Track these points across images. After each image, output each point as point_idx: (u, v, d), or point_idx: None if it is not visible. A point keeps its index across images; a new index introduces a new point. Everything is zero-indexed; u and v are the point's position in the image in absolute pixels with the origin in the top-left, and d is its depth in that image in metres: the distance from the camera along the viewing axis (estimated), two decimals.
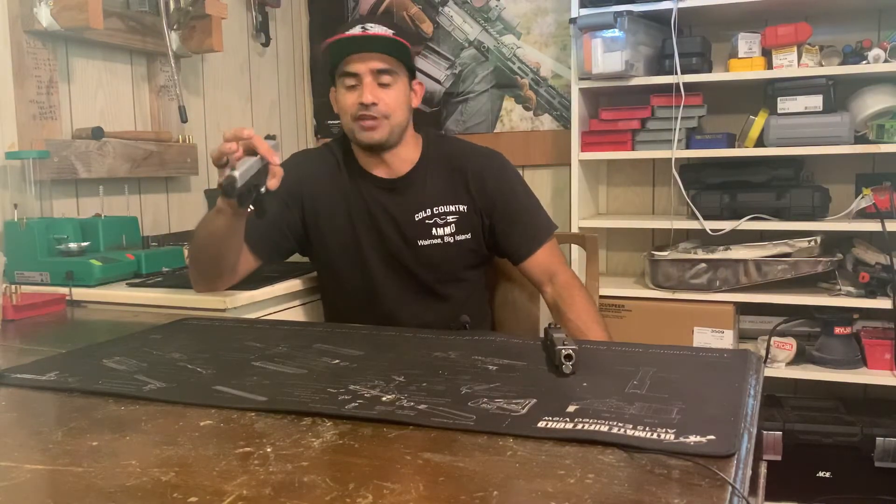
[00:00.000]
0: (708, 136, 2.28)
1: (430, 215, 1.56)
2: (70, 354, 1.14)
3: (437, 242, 1.56)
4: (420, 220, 1.56)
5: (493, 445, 0.74)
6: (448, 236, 1.56)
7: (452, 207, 1.57)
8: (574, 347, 0.97)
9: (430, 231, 1.56)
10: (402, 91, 1.53)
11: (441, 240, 1.56)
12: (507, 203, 1.59)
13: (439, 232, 1.56)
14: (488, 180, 1.58)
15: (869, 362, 2.17)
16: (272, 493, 0.65)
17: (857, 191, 2.25)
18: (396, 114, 1.51)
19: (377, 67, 1.48)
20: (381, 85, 1.49)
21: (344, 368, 1.03)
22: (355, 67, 1.48)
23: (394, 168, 1.57)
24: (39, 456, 0.76)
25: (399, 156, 1.57)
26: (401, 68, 1.52)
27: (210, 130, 2.41)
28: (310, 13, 2.94)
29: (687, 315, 2.26)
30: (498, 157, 1.64)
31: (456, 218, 1.56)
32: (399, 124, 1.52)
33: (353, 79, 1.49)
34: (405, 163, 1.58)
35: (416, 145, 1.61)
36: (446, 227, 1.56)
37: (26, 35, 1.77)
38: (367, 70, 1.48)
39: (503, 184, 1.59)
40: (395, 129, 1.52)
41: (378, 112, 1.48)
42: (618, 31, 2.16)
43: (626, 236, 2.62)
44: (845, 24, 2.31)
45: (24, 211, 1.70)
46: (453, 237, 1.56)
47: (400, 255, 1.56)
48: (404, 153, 1.58)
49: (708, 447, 0.71)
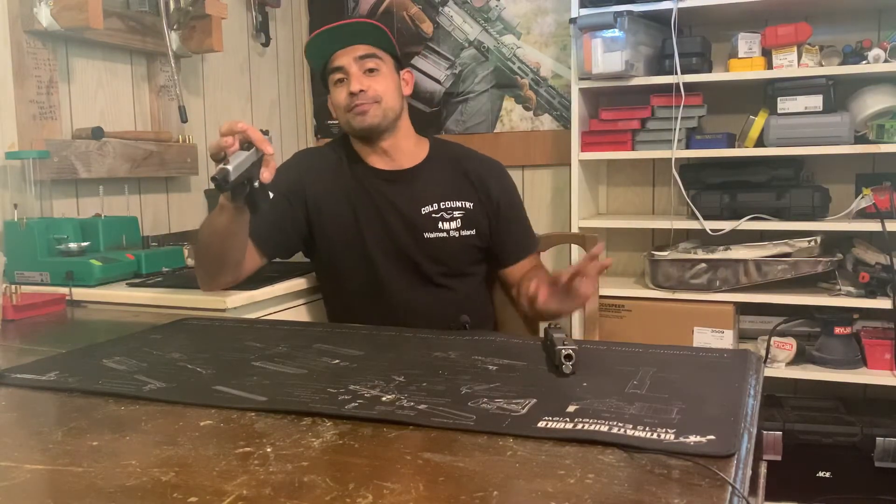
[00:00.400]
0: (708, 136, 2.28)
1: (436, 209, 1.58)
2: (70, 354, 1.14)
3: (442, 236, 1.58)
4: (427, 213, 1.58)
5: (493, 445, 0.74)
6: (454, 230, 1.58)
7: (459, 203, 1.59)
8: (574, 347, 0.97)
9: (437, 224, 1.58)
10: (390, 76, 1.57)
11: (447, 234, 1.58)
12: (508, 208, 1.64)
13: (445, 226, 1.58)
14: (492, 184, 1.62)
15: (869, 362, 2.17)
16: (272, 493, 0.65)
17: (857, 191, 2.25)
18: (387, 97, 1.55)
19: (359, 54, 1.53)
20: (368, 71, 1.54)
21: (344, 368, 1.03)
22: (339, 61, 1.54)
23: (396, 160, 1.60)
24: (39, 456, 0.76)
25: (400, 147, 1.59)
26: (385, 55, 1.56)
27: (210, 130, 2.41)
28: (310, 13, 2.94)
29: (687, 315, 2.26)
30: (499, 165, 1.69)
31: (462, 213, 1.59)
32: (391, 108, 1.56)
33: (340, 73, 1.54)
34: (408, 156, 1.60)
35: (421, 145, 1.64)
36: (452, 222, 1.58)
37: (26, 35, 1.77)
38: (351, 60, 1.53)
39: (504, 190, 1.65)
40: (387, 112, 1.55)
41: (367, 98, 1.53)
42: (618, 31, 2.16)
43: (626, 236, 2.62)
44: (845, 24, 2.31)
45: (24, 211, 1.70)
46: (458, 232, 1.59)
47: (405, 246, 1.57)
48: (405, 145, 1.60)
49: (708, 447, 0.71)
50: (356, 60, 1.53)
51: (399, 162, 1.60)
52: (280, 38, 2.79)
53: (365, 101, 1.52)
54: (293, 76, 2.89)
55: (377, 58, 1.55)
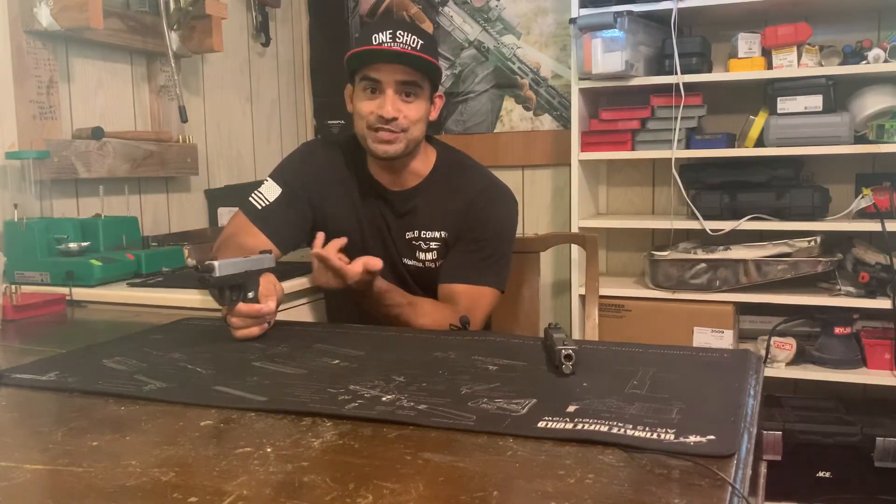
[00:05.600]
0: (708, 136, 2.28)
1: (416, 237, 1.56)
2: (70, 354, 1.14)
3: (418, 266, 1.56)
4: (409, 239, 1.56)
5: (493, 445, 0.74)
6: (430, 262, 1.56)
7: (437, 234, 1.55)
8: (574, 347, 0.97)
9: (415, 253, 1.56)
10: (424, 106, 1.48)
11: (423, 264, 1.56)
12: (472, 232, 1.52)
13: (422, 256, 1.56)
14: (469, 211, 1.53)
15: (869, 362, 2.17)
16: (272, 493, 0.65)
17: (856, 191, 2.25)
18: (414, 128, 1.46)
19: (403, 79, 1.42)
20: (405, 95, 1.44)
21: (344, 368, 1.03)
22: (379, 75, 1.42)
23: (400, 179, 1.56)
24: (39, 456, 0.76)
25: (408, 168, 1.55)
26: (425, 82, 1.46)
27: (210, 130, 2.41)
28: (310, 13, 2.94)
29: (687, 315, 2.26)
30: (492, 192, 1.56)
31: (438, 245, 1.55)
32: (415, 139, 1.48)
33: (374, 84, 1.43)
34: (412, 175, 1.56)
35: (427, 159, 1.58)
36: (429, 253, 1.56)
37: (26, 35, 1.77)
38: (392, 81, 1.42)
39: (480, 221, 1.53)
40: (410, 143, 1.47)
41: (397, 126, 1.43)
42: (618, 31, 2.16)
43: (626, 236, 2.62)
44: (845, 24, 2.31)
45: (24, 211, 1.70)
46: (434, 263, 1.56)
47: (394, 264, 1.57)
48: (413, 166, 1.55)
49: (708, 447, 0.71)
50: (396, 83, 1.42)
51: (403, 181, 1.55)
52: (280, 38, 2.79)
53: (393, 130, 1.43)
54: (293, 76, 2.89)
55: (418, 86, 1.44)
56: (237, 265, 1.18)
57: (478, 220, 1.53)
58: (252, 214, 1.52)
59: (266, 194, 1.53)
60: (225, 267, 1.15)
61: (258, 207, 1.52)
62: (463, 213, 1.54)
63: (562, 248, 2.48)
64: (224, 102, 2.48)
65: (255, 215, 1.51)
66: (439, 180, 1.57)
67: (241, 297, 1.19)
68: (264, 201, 1.53)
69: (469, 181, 1.57)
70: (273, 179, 1.56)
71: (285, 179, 1.56)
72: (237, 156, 2.55)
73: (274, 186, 1.54)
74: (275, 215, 1.52)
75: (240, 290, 1.19)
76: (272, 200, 1.53)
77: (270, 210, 1.52)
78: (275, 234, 1.50)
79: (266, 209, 1.52)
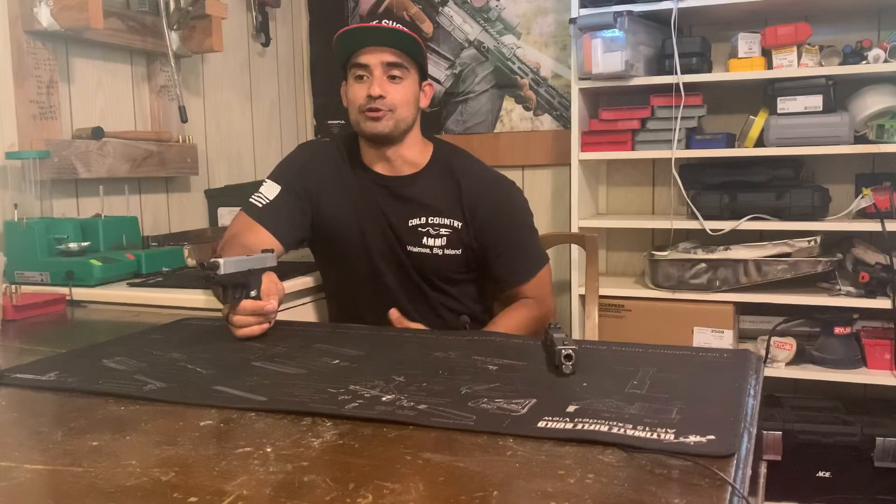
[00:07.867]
0: (708, 136, 2.28)
1: (423, 223, 1.56)
2: (70, 354, 1.14)
3: (425, 252, 1.56)
4: (413, 226, 1.56)
5: (493, 445, 0.74)
6: (438, 248, 1.56)
7: (447, 221, 1.56)
8: (574, 347, 0.97)
9: (421, 239, 1.56)
10: (411, 88, 1.53)
11: (430, 250, 1.56)
12: (499, 232, 1.57)
13: (430, 242, 1.56)
14: (481, 206, 1.56)
15: (869, 362, 2.17)
16: (272, 493, 0.65)
17: (856, 191, 2.25)
18: (402, 108, 1.51)
19: (388, 60, 1.49)
20: (391, 78, 1.50)
21: (344, 368, 1.03)
22: (366, 59, 1.49)
23: (395, 167, 1.58)
24: (39, 456, 0.76)
25: (402, 155, 1.57)
26: (412, 65, 1.53)
27: (210, 130, 2.41)
28: (310, 13, 2.94)
29: (687, 315, 2.26)
30: (500, 186, 1.61)
31: (449, 232, 1.56)
32: (404, 119, 1.53)
33: (363, 70, 1.50)
34: (408, 164, 1.58)
35: (424, 152, 1.60)
36: (438, 239, 1.56)
37: (26, 35, 1.77)
38: (378, 62, 1.49)
39: (497, 214, 1.57)
40: (399, 123, 1.52)
41: (384, 104, 1.49)
42: (618, 31, 2.16)
43: (625, 236, 2.62)
44: (845, 24, 2.31)
45: (24, 211, 1.70)
46: (443, 250, 1.56)
47: (396, 254, 1.57)
48: (409, 154, 1.58)
49: (708, 447, 0.71)
50: (383, 65, 1.49)
51: (399, 169, 1.58)
52: (280, 38, 2.78)
53: (381, 108, 1.49)
54: (293, 76, 2.89)
55: (403, 67, 1.51)
56: (241, 263, 1.19)
57: (492, 215, 1.56)
58: (253, 213, 1.55)
59: (266, 193, 1.57)
60: (229, 265, 1.16)
61: (259, 206, 1.55)
62: (471, 206, 1.56)
63: (562, 247, 2.48)
64: (224, 102, 2.48)
65: (257, 213, 1.54)
66: (439, 169, 1.59)
67: (244, 295, 1.20)
68: (264, 200, 1.56)
69: (469, 168, 1.61)
70: (271, 180, 1.60)
71: (283, 178, 1.60)
72: (237, 156, 2.55)
73: (273, 186, 1.58)
74: (276, 211, 1.55)
75: (243, 288, 1.20)
76: (272, 198, 1.56)
77: (271, 207, 1.55)
78: (277, 229, 1.52)
79: (266, 206, 1.55)
